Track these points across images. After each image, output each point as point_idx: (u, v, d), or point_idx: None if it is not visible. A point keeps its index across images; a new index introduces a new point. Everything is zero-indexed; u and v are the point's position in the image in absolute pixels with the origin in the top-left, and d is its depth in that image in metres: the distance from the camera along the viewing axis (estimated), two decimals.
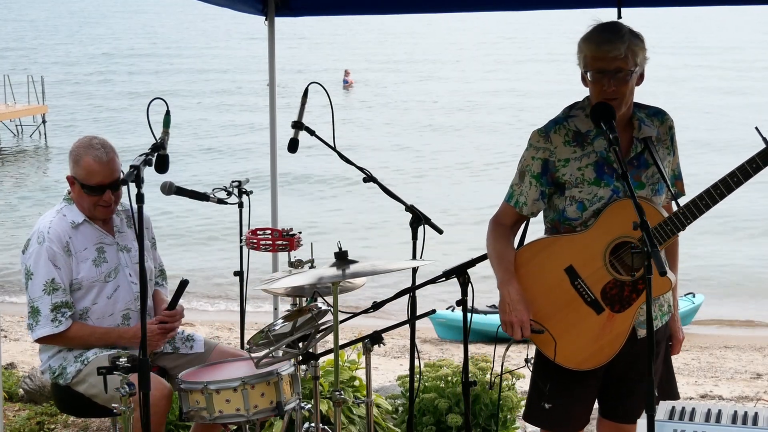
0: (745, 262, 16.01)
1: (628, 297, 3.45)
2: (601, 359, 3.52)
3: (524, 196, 3.58)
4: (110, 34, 70.13)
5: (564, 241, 3.54)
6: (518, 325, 3.47)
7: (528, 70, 46.96)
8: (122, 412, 3.62)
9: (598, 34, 3.39)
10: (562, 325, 3.51)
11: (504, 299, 3.51)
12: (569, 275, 3.51)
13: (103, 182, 4.21)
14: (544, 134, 3.52)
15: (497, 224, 3.66)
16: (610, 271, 3.46)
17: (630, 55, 3.34)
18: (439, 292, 8.42)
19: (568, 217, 3.53)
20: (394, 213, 6.35)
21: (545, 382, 3.63)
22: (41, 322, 4.16)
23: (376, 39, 65.19)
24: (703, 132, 28.34)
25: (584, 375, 3.57)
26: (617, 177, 3.46)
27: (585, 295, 3.49)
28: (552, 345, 3.51)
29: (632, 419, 3.75)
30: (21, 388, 6.60)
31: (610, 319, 3.47)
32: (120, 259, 4.36)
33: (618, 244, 3.44)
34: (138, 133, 27.11)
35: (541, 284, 3.54)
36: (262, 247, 5.12)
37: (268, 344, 3.91)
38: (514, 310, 3.48)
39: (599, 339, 3.49)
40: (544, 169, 3.53)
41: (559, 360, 3.54)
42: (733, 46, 55.34)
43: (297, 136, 4.65)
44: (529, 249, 3.61)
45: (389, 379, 7.62)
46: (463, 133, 29.99)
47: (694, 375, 9.43)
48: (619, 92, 3.37)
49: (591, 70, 3.39)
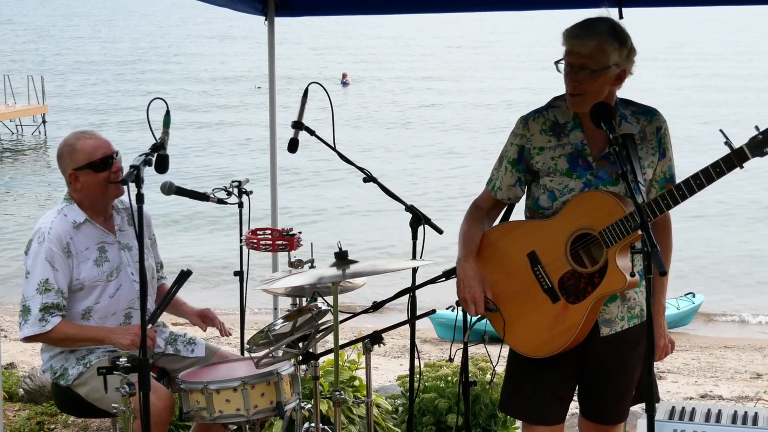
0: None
1: (584, 289, 3.42)
2: (552, 348, 3.48)
3: (500, 181, 3.63)
4: (110, 34, 70.14)
5: (530, 225, 3.57)
6: (471, 302, 3.51)
7: (527, 69, 46.98)
8: (122, 412, 3.62)
9: (575, 27, 3.39)
10: (519, 309, 3.53)
11: (459, 276, 3.57)
12: (530, 260, 3.51)
13: (107, 153, 4.25)
14: (524, 122, 3.56)
15: (475, 207, 3.72)
16: (570, 261, 3.45)
17: (597, 54, 3.31)
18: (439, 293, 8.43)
19: (541, 205, 3.55)
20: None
21: (517, 370, 3.65)
22: (30, 321, 4.14)
23: (374, 38, 65.19)
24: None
25: (554, 366, 3.55)
26: (591, 171, 3.46)
27: (543, 282, 3.49)
28: (505, 325, 3.54)
29: (607, 421, 3.75)
30: (21, 388, 6.59)
31: (564, 309, 3.45)
32: (122, 258, 4.36)
33: (579, 235, 3.43)
34: (138, 132, 27.15)
35: (504, 266, 3.56)
36: (262, 247, 5.12)
37: (268, 344, 3.91)
38: (467, 286, 3.52)
39: (552, 328, 3.47)
40: (519, 155, 3.57)
41: (511, 343, 3.57)
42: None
43: (297, 136, 4.65)
44: (496, 230, 3.65)
45: (389, 379, 7.63)
46: (464, 133, 30.05)
47: (694, 375, 9.43)
48: (582, 88, 3.37)
49: (560, 62, 3.41)
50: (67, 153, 4.25)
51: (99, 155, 4.22)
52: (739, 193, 19.50)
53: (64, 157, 4.27)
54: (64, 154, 4.27)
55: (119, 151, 4.33)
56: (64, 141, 4.32)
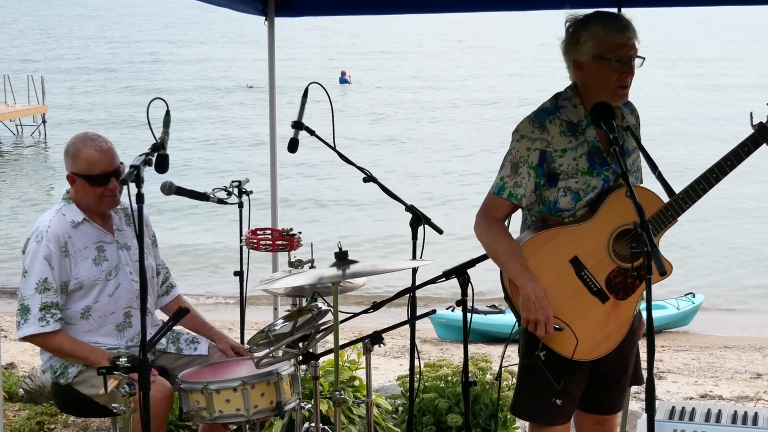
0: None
1: (632, 284, 3.48)
2: (608, 347, 3.52)
3: (522, 188, 3.49)
4: (110, 34, 70.11)
5: (567, 232, 3.50)
6: (544, 323, 3.39)
7: (525, 68, 46.99)
8: (122, 412, 3.61)
9: (615, 21, 3.39)
10: (570, 316, 3.48)
11: (529, 297, 3.40)
12: (574, 266, 3.48)
13: (107, 170, 4.21)
14: (539, 124, 3.48)
15: (492, 219, 3.55)
16: (614, 259, 3.47)
17: (636, 42, 3.40)
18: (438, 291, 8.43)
19: (561, 208, 3.50)
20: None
21: (558, 379, 3.56)
22: (29, 320, 4.14)
23: (371, 37, 65.20)
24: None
25: (575, 367, 3.56)
26: (607, 166, 3.48)
27: (590, 285, 3.48)
28: (567, 342, 3.46)
29: (613, 410, 3.82)
30: (21, 388, 6.59)
31: (615, 307, 3.48)
32: (120, 257, 4.35)
33: (621, 232, 3.46)
34: (138, 132, 27.18)
35: (547, 277, 3.47)
36: (262, 247, 5.12)
37: (268, 344, 3.91)
38: (540, 308, 3.38)
39: (605, 327, 3.49)
40: (541, 159, 3.47)
41: (564, 351, 3.49)
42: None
43: (297, 136, 4.65)
44: (532, 242, 3.51)
45: (389, 379, 7.62)
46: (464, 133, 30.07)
47: (694, 375, 9.43)
48: (631, 80, 3.43)
49: (611, 57, 3.37)
50: (71, 155, 4.24)
51: (97, 171, 4.20)
52: (738, 192, 19.51)
53: (68, 156, 4.26)
54: (69, 153, 4.26)
55: (123, 164, 4.23)
56: (73, 140, 4.28)
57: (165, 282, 4.70)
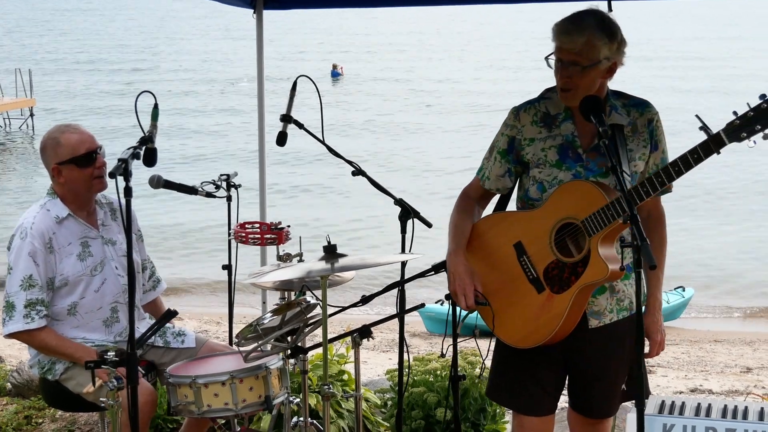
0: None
1: (567, 279, 3.41)
2: (538, 338, 3.47)
3: (488, 170, 3.65)
4: (98, 28, 69.93)
5: (518, 216, 3.59)
6: (462, 295, 3.52)
7: (521, 62, 47.03)
8: (110, 406, 3.59)
9: (564, 23, 3.37)
10: (507, 300, 3.53)
11: (449, 269, 3.59)
12: (517, 251, 3.52)
13: (91, 148, 4.21)
14: (516, 113, 3.57)
15: (465, 196, 3.74)
16: (554, 251, 3.45)
17: (587, 50, 3.30)
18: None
19: (531, 197, 3.56)
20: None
21: (503, 360, 3.67)
22: (15, 317, 4.11)
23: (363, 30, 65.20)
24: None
25: (539, 357, 3.55)
26: (581, 162, 3.46)
27: (528, 272, 3.50)
28: (489, 318, 3.57)
29: (594, 415, 3.74)
30: (8, 382, 6.56)
31: (549, 299, 3.45)
32: (105, 253, 4.32)
33: (563, 225, 3.43)
34: (127, 125, 27.11)
35: (491, 258, 3.58)
36: (250, 240, 5.10)
37: (256, 338, 3.90)
38: (458, 279, 3.54)
39: (538, 318, 3.47)
40: (510, 146, 3.58)
41: (499, 334, 3.59)
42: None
43: (285, 129, 4.63)
44: (485, 222, 3.67)
45: (378, 373, 7.61)
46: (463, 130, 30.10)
47: (684, 369, 9.44)
48: (573, 84, 3.36)
49: (554, 57, 3.40)
50: (51, 147, 4.21)
51: (83, 150, 4.18)
52: (729, 184, 19.57)
53: (47, 150, 4.23)
54: (47, 147, 4.23)
55: (103, 146, 4.29)
56: (48, 134, 4.28)
57: (152, 277, 4.68)
